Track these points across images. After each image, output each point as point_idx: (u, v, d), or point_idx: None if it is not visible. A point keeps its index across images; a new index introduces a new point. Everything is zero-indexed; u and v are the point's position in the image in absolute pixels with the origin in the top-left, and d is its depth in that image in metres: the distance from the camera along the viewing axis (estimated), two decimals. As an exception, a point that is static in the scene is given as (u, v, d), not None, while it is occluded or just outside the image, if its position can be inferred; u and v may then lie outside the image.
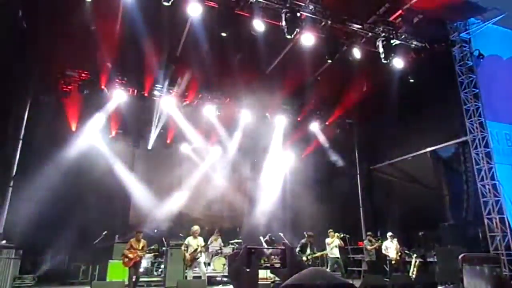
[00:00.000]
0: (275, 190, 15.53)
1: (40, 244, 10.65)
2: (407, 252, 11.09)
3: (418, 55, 10.76)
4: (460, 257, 6.91)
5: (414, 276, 10.21)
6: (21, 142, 10.33)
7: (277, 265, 8.21)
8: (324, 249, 11.05)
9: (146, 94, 12.40)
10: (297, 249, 10.53)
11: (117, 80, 11.84)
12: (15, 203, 9.99)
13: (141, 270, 9.64)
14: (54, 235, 10.82)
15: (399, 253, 10.79)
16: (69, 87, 11.39)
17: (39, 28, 9.63)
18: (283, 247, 8.76)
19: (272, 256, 8.23)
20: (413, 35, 10.58)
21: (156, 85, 12.26)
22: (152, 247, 10.27)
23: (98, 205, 11.95)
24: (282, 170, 16.06)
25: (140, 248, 8.82)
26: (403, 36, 10.43)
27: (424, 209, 11.83)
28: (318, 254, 11.08)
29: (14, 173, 10.11)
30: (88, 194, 11.89)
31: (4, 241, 9.28)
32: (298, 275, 2.01)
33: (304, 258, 10.56)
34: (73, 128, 12.03)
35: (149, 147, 13.70)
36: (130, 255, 8.67)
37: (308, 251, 10.75)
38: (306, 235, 11.10)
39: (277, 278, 9.70)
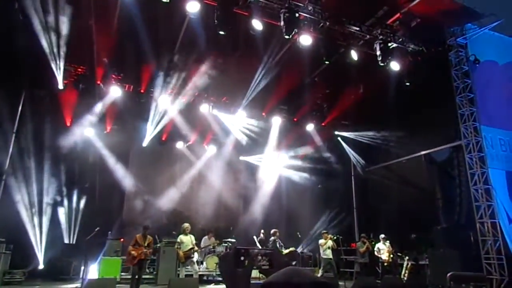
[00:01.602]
0: (269, 190, 15.54)
1: (31, 239, 10.56)
2: (399, 254, 11.14)
3: (414, 58, 10.82)
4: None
5: (405, 278, 10.27)
6: (14, 136, 10.23)
7: (265, 267, 8.15)
8: (290, 246, 11.22)
9: (142, 91, 12.35)
10: (270, 246, 10.61)
11: (113, 75, 11.77)
12: (7, 197, 9.90)
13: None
14: (45, 230, 10.74)
15: (391, 255, 10.84)
16: (65, 81, 11.30)
17: (35, 20, 9.54)
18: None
19: (260, 257, 8.20)
20: (410, 39, 10.64)
21: (153, 82, 12.19)
22: (159, 244, 9.97)
23: (91, 201, 11.89)
24: (277, 170, 16.06)
25: (146, 244, 8.30)
26: (400, 40, 10.48)
27: (417, 212, 11.90)
28: (287, 251, 11.11)
29: (6, 167, 10.02)
30: (82, 189, 11.81)
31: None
32: (276, 273, 2.04)
33: None
34: (68, 123, 11.94)
35: (144, 144, 13.63)
36: (134, 253, 8.12)
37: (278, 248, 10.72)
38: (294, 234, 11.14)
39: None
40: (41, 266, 10.63)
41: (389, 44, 10.18)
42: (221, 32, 8.65)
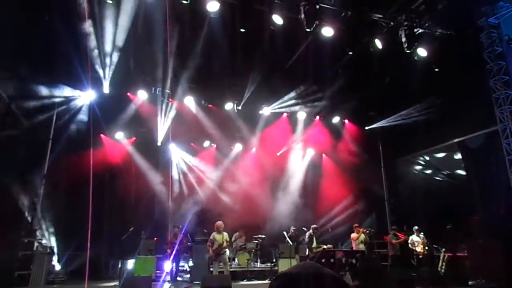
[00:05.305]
0: (297, 184, 15.46)
1: (71, 240, 11.03)
2: (435, 246, 10.80)
3: (443, 43, 10.39)
4: None
5: (442, 271, 9.94)
6: (51, 142, 10.73)
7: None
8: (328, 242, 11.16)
9: (168, 91, 12.55)
10: (306, 240, 10.74)
11: (139, 79, 12.05)
12: (47, 201, 10.39)
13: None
14: (84, 232, 11.18)
15: (426, 247, 10.54)
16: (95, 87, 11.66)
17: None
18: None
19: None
20: (437, 23, 10.22)
21: (177, 83, 12.37)
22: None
23: (124, 202, 12.25)
24: (304, 164, 15.95)
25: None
26: (427, 24, 10.08)
27: (452, 202, 11.48)
28: (324, 246, 10.99)
29: (45, 172, 10.51)
30: (115, 191, 12.20)
31: (38, 237, 9.70)
32: (292, 266, 2.11)
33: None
34: (99, 130, 12.33)
35: (171, 145, 13.88)
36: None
37: (314, 243, 10.64)
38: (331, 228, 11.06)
39: None
40: (81, 266, 11.07)
41: (415, 30, 9.81)
42: (242, 30, 8.69)
